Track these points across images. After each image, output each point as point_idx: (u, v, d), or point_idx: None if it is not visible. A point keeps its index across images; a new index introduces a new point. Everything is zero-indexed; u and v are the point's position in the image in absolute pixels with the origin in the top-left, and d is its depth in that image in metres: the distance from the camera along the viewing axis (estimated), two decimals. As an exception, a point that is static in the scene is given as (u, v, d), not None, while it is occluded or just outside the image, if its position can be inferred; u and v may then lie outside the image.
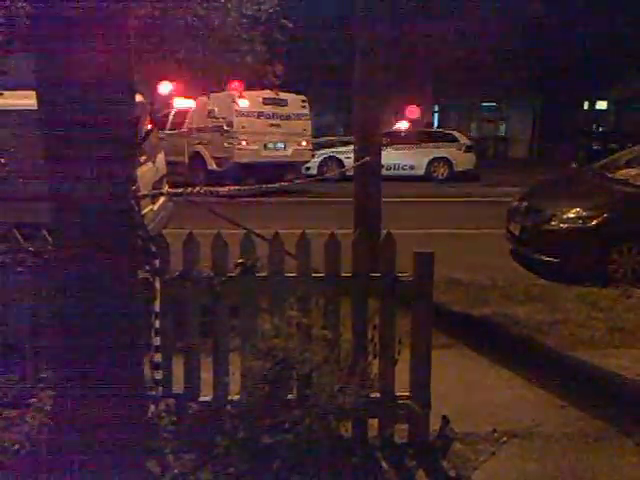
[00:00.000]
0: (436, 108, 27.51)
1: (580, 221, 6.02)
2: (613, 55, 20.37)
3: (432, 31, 19.71)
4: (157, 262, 2.23)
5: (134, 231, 2.15)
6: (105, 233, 2.06)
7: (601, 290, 5.37)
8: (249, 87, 12.33)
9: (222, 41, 4.79)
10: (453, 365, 3.80)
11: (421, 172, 16.73)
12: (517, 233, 6.77)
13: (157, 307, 2.23)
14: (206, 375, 2.74)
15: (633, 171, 6.69)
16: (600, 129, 25.08)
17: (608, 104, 26.91)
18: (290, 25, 5.16)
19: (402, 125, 19.33)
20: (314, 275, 2.70)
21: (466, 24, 19.25)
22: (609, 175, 6.86)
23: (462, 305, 5.01)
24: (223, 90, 12.34)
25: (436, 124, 26.16)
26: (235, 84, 10.54)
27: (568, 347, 4.08)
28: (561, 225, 6.10)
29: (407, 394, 2.70)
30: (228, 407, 2.60)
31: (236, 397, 2.64)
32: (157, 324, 2.27)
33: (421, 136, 17.56)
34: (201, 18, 4.76)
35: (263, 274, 2.66)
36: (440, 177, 16.71)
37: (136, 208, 2.18)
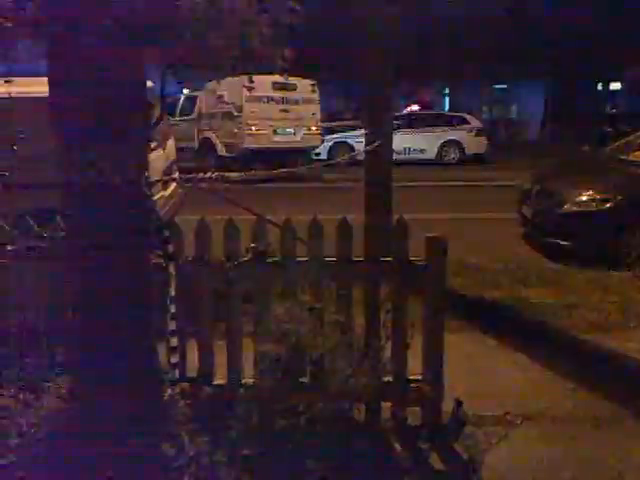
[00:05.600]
0: (447, 90, 27.21)
1: (593, 204, 5.96)
2: (627, 36, 19.97)
3: (444, 13, 19.44)
4: (170, 247, 2.24)
5: (147, 216, 2.16)
6: (118, 219, 2.07)
7: (614, 273, 5.34)
8: (257, 72, 12.27)
9: (230, 24, 4.74)
10: (465, 349, 3.80)
11: (432, 156, 16.61)
12: (529, 216, 6.72)
13: (172, 292, 2.24)
14: (220, 359, 2.77)
15: (647, 153, 6.60)
16: (614, 111, 24.66)
17: (622, 85, 26.44)
18: (298, 8, 5.09)
19: (413, 108, 19.18)
20: (326, 259, 2.70)
21: (477, 5, 18.95)
22: (623, 157, 6.77)
23: (474, 289, 4.99)
24: (231, 75, 12.29)
25: (447, 107, 25.91)
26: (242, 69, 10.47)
27: (581, 330, 4.07)
28: (574, 208, 6.04)
29: (419, 377, 2.71)
30: (242, 391, 2.63)
31: (250, 381, 2.66)
32: (172, 309, 2.29)
33: (432, 119, 17.41)
34: (211, 2, 4.71)
35: (275, 259, 2.67)
36: (451, 161, 16.58)
37: (148, 194, 2.19)
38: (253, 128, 12.54)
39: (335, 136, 16.35)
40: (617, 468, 2.55)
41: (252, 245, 2.61)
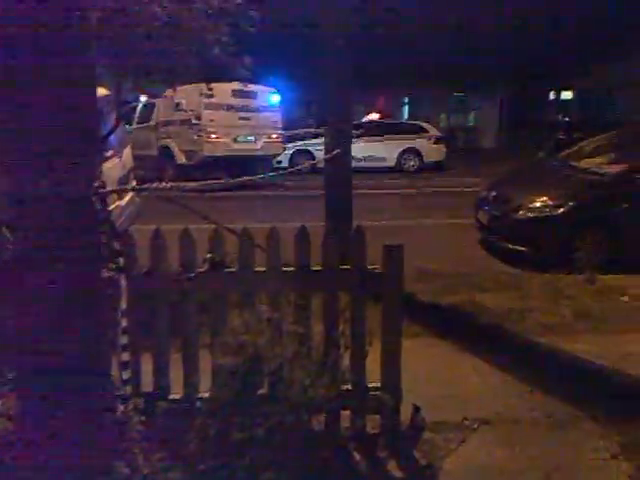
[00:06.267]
0: (406, 100, 27.67)
1: (547, 210, 6.14)
2: (576, 46, 20.78)
3: (402, 23, 19.76)
4: (121, 260, 2.19)
5: (97, 229, 2.10)
6: (66, 231, 2.01)
7: (567, 277, 5.49)
8: (217, 80, 12.21)
9: (189, 33, 4.69)
10: (424, 354, 3.84)
11: (392, 163, 16.83)
12: (486, 222, 6.87)
13: (123, 305, 2.19)
14: (177, 373, 2.72)
15: (597, 160, 6.84)
16: (565, 119, 25.56)
17: (573, 94, 27.44)
18: (258, 17, 5.08)
19: (372, 117, 19.40)
20: (284, 269, 2.69)
21: (435, 17, 19.35)
22: (574, 164, 7.01)
23: (432, 294, 5.06)
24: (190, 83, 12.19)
25: (406, 115, 26.33)
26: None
27: (536, 334, 4.16)
28: (528, 214, 6.22)
29: (378, 385, 2.72)
30: (198, 404, 2.58)
31: (207, 394, 2.62)
32: (124, 323, 2.24)
33: (391, 128, 17.65)
34: (167, 9, 4.65)
35: (232, 269, 2.64)
36: (411, 168, 16.83)
37: (99, 205, 2.13)
38: (213, 136, 12.44)
39: (297, 144, 16.38)
40: (572, 469, 2.61)
41: (208, 255, 2.57)
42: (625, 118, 19.48)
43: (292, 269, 2.69)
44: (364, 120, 18.86)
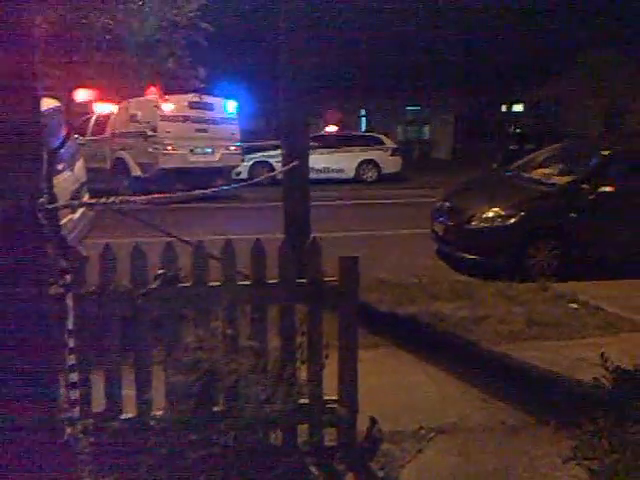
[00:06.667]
0: (363, 112, 28.06)
1: (499, 220, 6.30)
2: (526, 61, 21.60)
3: (359, 37, 20.12)
4: (68, 277, 2.12)
5: (43, 246, 2.04)
6: (9, 249, 1.94)
7: (520, 284, 5.64)
8: (172, 92, 12.10)
9: (141, 45, 4.64)
10: (381, 364, 3.87)
11: (350, 175, 17.00)
12: (441, 233, 7.00)
13: (70, 325, 2.12)
14: (130, 391, 2.64)
15: (546, 171, 7.08)
16: (517, 130, 26.43)
17: (524, 107, 28.42)
18: (212, 29, 5.07)
19: (331, 129, 19.57)
20: (239, 283, 2.67)
21: (389, 31, 19.77)
22: (525, 175, 7.23)
23: (390, 305, 5.11)
24: (143, 95, 12.04)
25: (364, 128, 26.67)
26: (152, 89, 10.27)
27: (490, 342, 4.25)
28: (482, 224, 6.36)
29: (335, 398, 2.72)
30: (152, 423, 2.52)
31: (160, 413, 2.56)
32: (71, 342, 2.16)
33: (349, 140, 17.85)
34: (119, 22, 4.59)
35: (185, 284, 2.60)
36: (369, 179, 17.04)
37: (45, 221, 2.07)
38: (169, 148, 12.28)
39: (256, 155, 16.36)
40: (525, 476, 2.67)
41: (160, 271, 2.53)
42: (574, 129, 20.30)
43: (247, 283, 2.67)
44: (323, 132, 19.01)
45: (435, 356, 4.00)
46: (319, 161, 16.14)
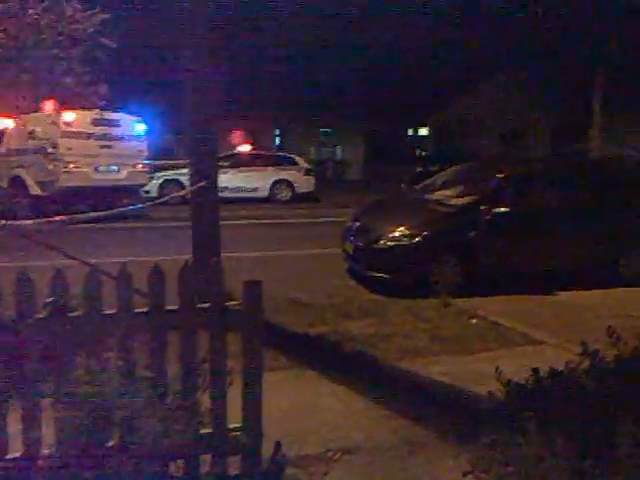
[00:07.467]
0: (277, 132, 28.30)
1: (405, 239, 6.52)
2: (431, 87, 22.88)
3: (270, 62, 20.42)
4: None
5: None
6: None
7: (425, 301, 5.85)
8: (75, 107, 11.60)
9: (36, 60, 4.43)
10: (291, 387, 3.85)
11: (265, 194, 17.01)
12: (351, 252, 7.13)
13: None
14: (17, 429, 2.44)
15: (447, 192, 7.43)
16: (423, 153, 27.79)
17: (429, 130, 29.93)
18: (113, 45, 4.94)
19: (245, 148, 19.53)
20: (136, 311, 2.55)
21: (302, 58, 20.27)
22: (427, 196, 7.55)
23: (301, 325, 5.11)
24: (40, 110, 11.46)
25: (278, 148, 26.88)
26: (48, 103, 9.78)
27: (396, 358, 4.36)
28: (388, 243, 6.56)
29: (239, 425, 2.65)
30: (41, 462, 2.34)
31: (50, 451, 2.38)
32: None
33: (263, 159, 17.91)
34: (12, 37, 4.36)
35: (76, 313, 2.45)
36: (283, 199, 17.12)
37: None
38: (71, 165, 11.70)
39: (167, 173, 15.97)
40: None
41: (49, 300, 2.37)
42: (476, 151, 21.58)
43: (144, 310, 2.56)
44: (237, 151, 18.92)
45: (344, 375, 4.04)
46: (233, 180, 16.02)
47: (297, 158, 18.33)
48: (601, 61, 19.92)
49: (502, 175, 7.00)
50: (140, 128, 13.21)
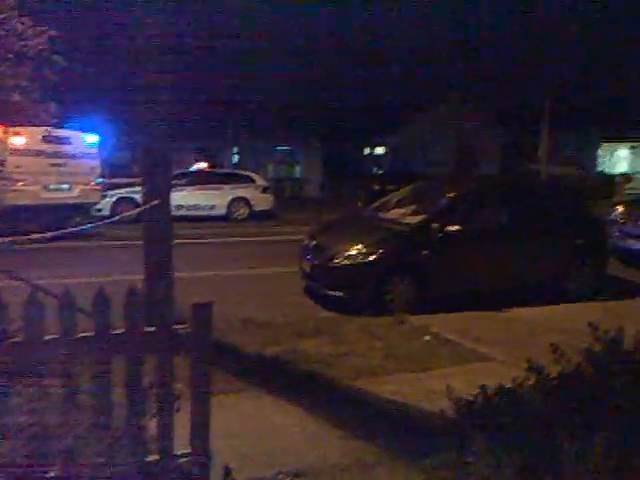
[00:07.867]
0: (235, 150, 28.25)
1: (360, 257, 6.58)
2: (384, 107, 23.45)
3: (228, 80, 20.49)
4: None
5: None
6: None
7: (380, 318, 5.89)
8: (21, 125, 11.28)
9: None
10: (244, 409, 3.80)
11: (222, 212, 16.87)
12: (308, 270, 7.14)
13: None
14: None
15: (401, 211, 7.55)
16: (380, 171, 28.26)
17: (385, 149, 30.50)
18: (63, 62, 4.85)
19: (201, 166, 19.38)
20: (79, 336, 2.48)
21: (260, 76, 20.45)
22: (382, 215, 7.65)
23: (255, 345, 5.06)
24: None
25: (235, 166, 26.83)
26: None
27: (350, 378, 4.35)
28: (344, 261, 6.60)
29: (188, 451, 2.59)
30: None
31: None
32: None
33: (220, 177, 17.78)
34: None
35: (15, 339, 2.36)
36: (240, 217, 17.01)
37: None
38: (19, 184, 11.35)
39: (120, 191, 15.65)
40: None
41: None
42: (432, 171, 22.10)
43: (89, 334, 2.48)
44: (193, 169, 18.76)
45: (298, 396, 4.00)
46: (189, 198, 15.85)
47: (255, 176, 18.29)
48: (550, 82, 20.83)
49: (452, 194, 7.17)
50: (93, 145, 12.94)
